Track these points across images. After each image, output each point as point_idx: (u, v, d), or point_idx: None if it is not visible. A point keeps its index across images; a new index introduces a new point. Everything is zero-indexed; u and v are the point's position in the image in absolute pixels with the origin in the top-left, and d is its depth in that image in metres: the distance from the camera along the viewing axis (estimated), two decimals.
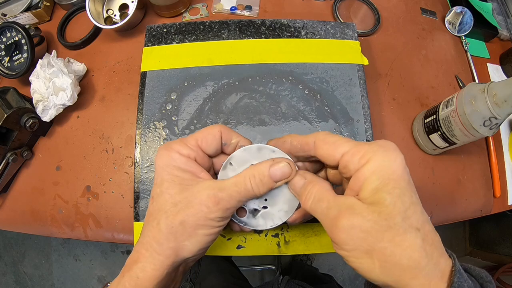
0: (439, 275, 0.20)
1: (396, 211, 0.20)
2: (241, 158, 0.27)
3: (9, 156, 0.46)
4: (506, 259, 1.13)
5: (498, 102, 0.35)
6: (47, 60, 0.47)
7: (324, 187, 0.23)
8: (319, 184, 0.24)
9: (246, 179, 0.24)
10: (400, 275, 0.19)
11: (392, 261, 0.19)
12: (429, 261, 0.19)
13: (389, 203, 0.20)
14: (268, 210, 0.28)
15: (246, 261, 1.16)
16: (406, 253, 0.19)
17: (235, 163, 0.27)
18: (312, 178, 0.24)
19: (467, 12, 0.57)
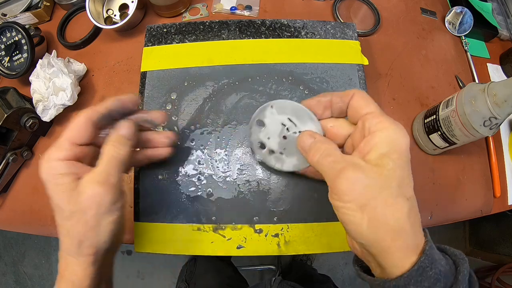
0: (415, 243, 0.22)
1: (395, 177, 0.22)
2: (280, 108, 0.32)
3: (9, 156, 0.46)
4: (506, 259, 1.13)
5: (498, 102, 0.35)
6: (47, 60, 0.47)
7: (332, 146, 0.25)
8: (328, 143, 0.26)
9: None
10: (384, 234, 0.21)
11: (380, 219, 0.21)
12: (411, 228, 0.21)
13: (391, 167, 0.22)
14: (282, 156, 0.33)
15: (246, 261, 1.16)
16: (394, 215, 0.21)
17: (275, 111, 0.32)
18: (321, 138, 0.27)
19: (467, 12, 0.57)
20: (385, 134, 0.23)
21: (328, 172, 0.24)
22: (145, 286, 1.30)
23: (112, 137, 0.27)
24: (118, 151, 0.26)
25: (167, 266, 1.30)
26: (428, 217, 0.45)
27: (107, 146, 0.26)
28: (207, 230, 0.38)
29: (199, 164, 0.40)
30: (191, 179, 0.39)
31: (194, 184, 0.39)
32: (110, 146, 0.26)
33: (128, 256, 1.32)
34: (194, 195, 0.39)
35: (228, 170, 0.40)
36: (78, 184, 0.24)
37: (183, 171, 0.40)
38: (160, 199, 0.39)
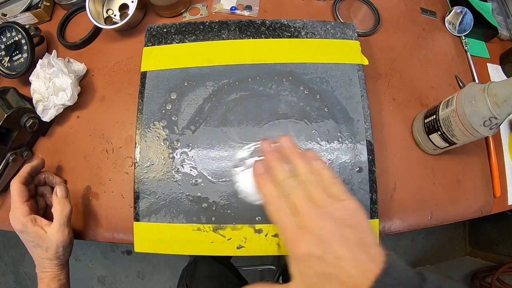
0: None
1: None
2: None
3: (9, 156, 0.46)
4: (506, 259, 1.13)
5: (498, 102, 0.35)
6: (47, 60, 0.47)
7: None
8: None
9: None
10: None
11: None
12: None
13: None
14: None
15: (246, 261, 1.16)
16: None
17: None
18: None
19: (467, 12, 0.57)
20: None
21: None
22: (145, 286, 1.30)
23: (57, 200, 0.40)
24: (64, 208, 0.40)
25: (167, 266, 1.30)
26: (428, 217, 0.45)
27: (57, 207, 0.39)
28: (207, 230, 0.38)
29: (199, 164, 0.40)
30: (191, 179, 0.39)
31: (194, 184, 0.39)
32: (58, 207, 0.39)
33: (128, 256, 1.32)
34: (194, 195, 0.39)
35: (228, 170, 0.40)
36: (45, 232, 0.38)
37: (183, 171, 0.40)
38: (160, 199, 0.39)
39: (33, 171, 0.42)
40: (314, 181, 0.28)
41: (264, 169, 0.30)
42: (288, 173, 0.29)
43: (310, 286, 0.25)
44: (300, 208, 0.26)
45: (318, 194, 0.27)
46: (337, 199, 0.27)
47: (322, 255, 0.24)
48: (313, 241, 0.25)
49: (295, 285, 0.26)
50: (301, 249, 0.25)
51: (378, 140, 0.47)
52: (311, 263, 0.25)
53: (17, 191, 0.39)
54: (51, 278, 0.40)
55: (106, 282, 1.31)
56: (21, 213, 0.38)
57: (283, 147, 0.31)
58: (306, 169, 0.29)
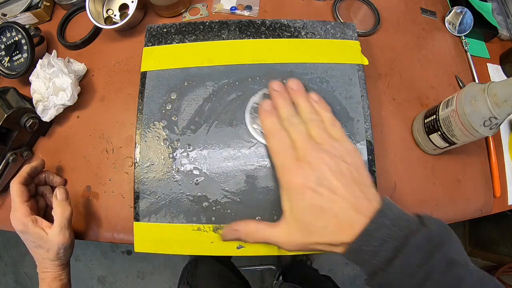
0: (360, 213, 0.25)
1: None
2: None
3: (9, 156, 0.46)
4: (506, 259, 1.13)
5: (498, 102, 0.35)
6: (47, 60, 0.47)
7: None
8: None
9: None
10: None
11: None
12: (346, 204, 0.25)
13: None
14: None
15: (246, 261, 1.16)
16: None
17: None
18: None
19: (467, 12, 0.57)
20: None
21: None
22: (145, 286, 1.30)
23: (57, 203, 0.40)
24: (64, 211, 0.39)
25: (167, 266, 1.30)
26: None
27: (57, 210, 0.39)
28: (207, 230, 0.38)
29: (199, 164, 0.40)
30: (191, 179, 0.39)
31: (194, 184, 0.39)
32: (59, 210, 0.39)
33: (128, 256, 1.32)
34: (194, 195, 0.39)
35: (228, 170, 0.40)
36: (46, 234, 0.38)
37: (183, 171, 0.40)
38: (160, 199, 0.39)
39: (33, 171, 0.42)
40: (316, 120, 0.29)
41: (270, 107, 0.30)
42: (292, 111, 0.29)
43: (302, 220, 0.25)
44: (300, 142, 0.27)
45: (318, 132, 0.28)
46: (336, 139, 0.28)
47: (316, 187, 0.24)
48: (308, 173, 0.25)
49: (286, 220, 0.26)
50: (296, 180, 0.25)
51: (378, 140, 0.47)
52: (305, 195, 0.24)
53: (17, 191, 0.39)
54: (53, 278, 0.40)
55: (106, 282, 1.31)
56: (21, 214, 0.38)
57: (290, 88, 0.32)
58: (308, 109, 0.30)
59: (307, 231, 0.25)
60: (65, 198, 0.41)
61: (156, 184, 0.39)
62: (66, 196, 0.41)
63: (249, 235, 0.28)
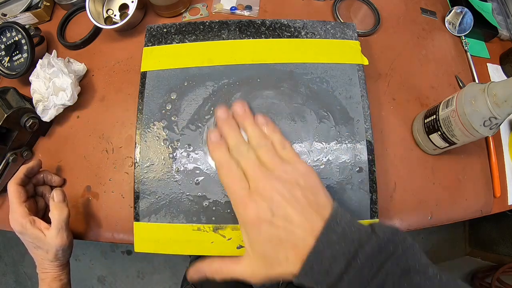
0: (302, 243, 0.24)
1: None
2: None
3: (9, 156, 0.46)
4: (506, 259, 1.13)
5: (498, 102, 0.35)
6: (47, 60, 0.47)
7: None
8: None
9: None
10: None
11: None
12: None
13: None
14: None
15: None
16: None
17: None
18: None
19: (467, 12, 0.57)
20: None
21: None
22: (145, 286, 1.30)
23: (54, 205, 0.39)
24: (62, 213, 0.39)
25: (167, 266, 1.30)
26: (428, 217, 0.45)
27: (54, 211, 0.39)
28: (207, 230, 0.38)
29: (199, 164, 0.40)
30: (191, 179, 0.39)
31: (194, 184, 0.39)
32: (56, 211, 0.39)
33: (128, 256, 1.32)
34: (194, 195, 0.39)
35: None
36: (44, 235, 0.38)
37: (183, 171, 0.40)
38: (160, 199, 0.39)
39: (30, 172, 0.41)
40: (265, 145, 0.28)
41: (217, 137, 0.30)
42: (239, 138, 0.29)
43: (262, 254, 0.24)
44: (250, 172, 0.26)
45: (268, 158, 0.27)
46: (288, 162, 0.26)
47: (271, 218, 0.23)
48: (262, 204, 0.24)
49: (247, 255, 0.25)
50: (250, 213, 0.24)
51: (378, 140, 0.47)
52: (260, 228, 0.24)
53: (14, 192, 0.39)
54: (52, 278, 0.40)
55: (106, 282, 1.31)
56: (19, 215, 0.38)
57: (235, 113, 0.31)
58: (257, 133, 0.29)
59: (269, 264, 0.24)
60: (62, 199, 0.40)
61: (156, 184, 0.39)
62: (63, 198, 0.40)
63: (214, 274, 0.27)
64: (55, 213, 0.39)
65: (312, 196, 0.24)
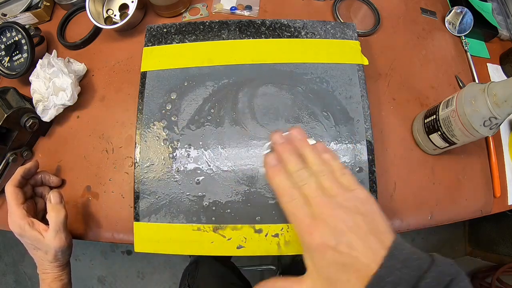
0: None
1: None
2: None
3: (9, 156, 0.46)
4: (506, 259, 1.13)
5: (498, 102, 0.35)
6: (47, 60, 0.47)
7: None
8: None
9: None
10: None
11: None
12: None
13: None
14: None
15: (246, 261, 1.16)
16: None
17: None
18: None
19: (467, 12, 0.57)
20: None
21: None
22: (145, 286, 1.30)
23: (51, 207, 0.39)
24: (59, 215, 0.39)
25: (167, 266, 1.30)
26: (428, 217, 0.45)
27: (52, 213, 0.39)
28: (207, 230, 0.38)
29: (199, 164, 0.40)
30: (191, 179, 0.39)
31: (194, 184, 0.39)
32: (53, 213, 0.39)
33: (128, 256, 1.32)
34: (194, 195, 0.39)
35: (228, 170, 0.40)
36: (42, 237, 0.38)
37: (183, 171, 0.40)
38: (160, 199, 0.39)
39: (27, 173, 0.41)
40: (325, 171, 0.28)
41: (275, 161, 0.30)
42: (299, 164, 0.29)
43: (326, 276, 0.25)
44: (313, 198, 0.26)
45: (329, 184, 0.27)
46: (348, 189, 0.27)
47: (335, 245, 0.24)
48: (326, 231, 0.25)
49: (310, 276, 0.26)
50: (315, 239, 0.25)
51: (378, 140, 0.47)
52: (325, 254, 0.25)
53: (12, 194, 0.39)
54: (53, 279, 0.40)
55: (106, 282, 1.31)
56: (18, 217, 0.38)
57: (293, 138, 0.31)
58: (317, 160, 0.29)
59: (331, 285, 0.25)
60: (59, 201, 0.40)
61: (156, 184, 0.39)
62: (60, 200, 0.40)
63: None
64: (52, 215, 0.39)
65: (373, 223, 0.25)
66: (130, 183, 0.46)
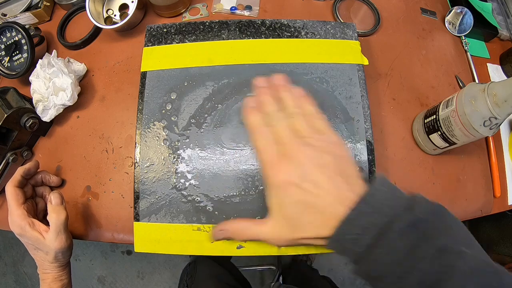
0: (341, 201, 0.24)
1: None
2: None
3: (9, 156, 0.46)
4: (506, 259, 1.13)
5: (498, 102, 0.35)
6: (47, 60, 0.47)
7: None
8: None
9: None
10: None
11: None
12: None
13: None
14: None
15: (246, 261, 1.16)
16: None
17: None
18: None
19: (467, 12, 0.57)
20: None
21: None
22: (145, 286, 1.30)
23: (51, 208, 0.39)
24: (59, 216, 0.39)
25: (167, 266, 1.30)
26: None
27: (52, 215, 0.38)
28: (207, 230, 0.38)
29: (200, 164, 0.40)
30: (191, 179, 0.39)
31: (194, 184, 0.39)
32: (54, 215, 0.38)
33: (128, 256, 1.32)
34: (194, 195, 0.39)
35: (228, 170, 0.40)
36: (43, 238, 0.38)
37: (183, 171, 0.40)
38: (160, 199, 0.39)
39: (27, 173, 0.41)
40: (300, 114, 0.28)
41: (254, 104, 0.30)
42: (275, 106, 0.29)
43: (288, 217, 0.25)
44: (283, 137, 0.26)
45: (302, 126, 0.27)
46: (320, 131, 0.27)
47: (300, 182, 0.24)
48: (292, 168, 0.25)
49: (273, 217, 0.26)
50: (280, 176, 0.25)
51: (378, 140, 0.47)
52: (289, 192, 0.24)
53: (12, 194, 0.38)
54: (53, 279, 0.40)
55: (106, 282, 1.31)
56: (18, 217, 0.38)
57: (275, 82, 0.31)
58: (293, 102, 0.29)
59: (294, 227, 0.25)
60: (60, 202, 0.40)
61: (156, 184, 0.39)
62: (60, 201, 0.40)
63: (237, 234, 0.28)
64: (53, 216, 0.38)
65: (342, 165, 0.25)
66: (130, 183, 0.46)
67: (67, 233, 0.40)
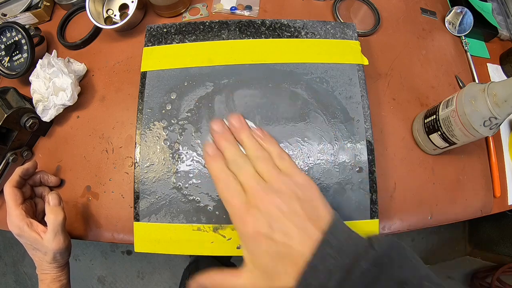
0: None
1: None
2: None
3: (9, 156, 0.46)
4: (506, 259, 1.13)
5: (498, 102, 0.35)
6: (47, 60, 0.47)
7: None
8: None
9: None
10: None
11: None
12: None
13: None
14: None
15: None
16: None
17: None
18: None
19: (467, 12, 0.57)
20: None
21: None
22: (145, 286, 1.30)
23: (49, 209, 0.39)
24: (57, 217, 0.39)
25: (167, 266, 1.30)
26: (428, 217, 0.45)
27: (50, 216, 0.38)
28: (207, 230, 0.38)
29: (199, 164, 0.40)
30: (191, 179, 0.39)
31: (194, 184, 0.39)
32: (51, 215, 0.38)
33: (128, 256, 1.32)
34: (194, 195, 0.39)
35: None
36: (41, 238, 0.38)
37: (183, 171, 0.40)
38: (160, 199, 0.39)
39: (25, 174, 0.41)
40: (262, 157, 0.27)
41: (213, 150, 0.29)
42: (237, 151, 0.28)
43: (262, 268, 0.24)
44: (247, 185, 0.26)
45: (265, 169, 0.26)
46: (286, 173, 0.26)
47: (270, 233, 0.23)
48: (260, 218, 0.24)
49: (247, 268, 0.25)
50: (249, 227, 0.24)
51: (378, 140, 0.47)
52: (259, 243, 0.24)
53: (10, 195, 0.38)
54: (52, 279, 0.40)
55: (106, 282, 1.31)
56: (16, 217, 0.38)
57: (231, 125, 0.30)
58: (254, 145, 0.28)
59: (269, 277, 0.24)
60: (58, 203, 0.40)
61: (156, 184, 0.39)
62: (58, 202, 0.40)
63: (216, 287, 0.27)
64: (51, 217, 0.38)
65: (311, 209, 0.24)
66: (130, 183, 0.46)
67: (65, 234, 0.40)
